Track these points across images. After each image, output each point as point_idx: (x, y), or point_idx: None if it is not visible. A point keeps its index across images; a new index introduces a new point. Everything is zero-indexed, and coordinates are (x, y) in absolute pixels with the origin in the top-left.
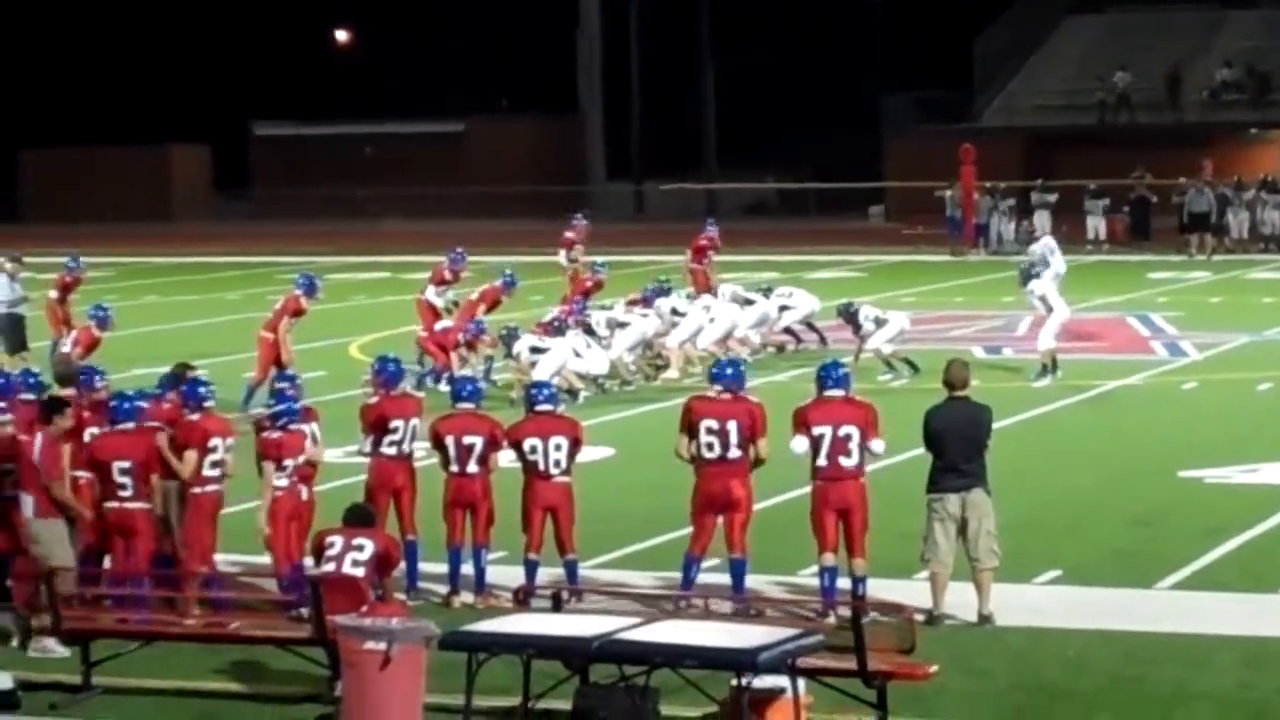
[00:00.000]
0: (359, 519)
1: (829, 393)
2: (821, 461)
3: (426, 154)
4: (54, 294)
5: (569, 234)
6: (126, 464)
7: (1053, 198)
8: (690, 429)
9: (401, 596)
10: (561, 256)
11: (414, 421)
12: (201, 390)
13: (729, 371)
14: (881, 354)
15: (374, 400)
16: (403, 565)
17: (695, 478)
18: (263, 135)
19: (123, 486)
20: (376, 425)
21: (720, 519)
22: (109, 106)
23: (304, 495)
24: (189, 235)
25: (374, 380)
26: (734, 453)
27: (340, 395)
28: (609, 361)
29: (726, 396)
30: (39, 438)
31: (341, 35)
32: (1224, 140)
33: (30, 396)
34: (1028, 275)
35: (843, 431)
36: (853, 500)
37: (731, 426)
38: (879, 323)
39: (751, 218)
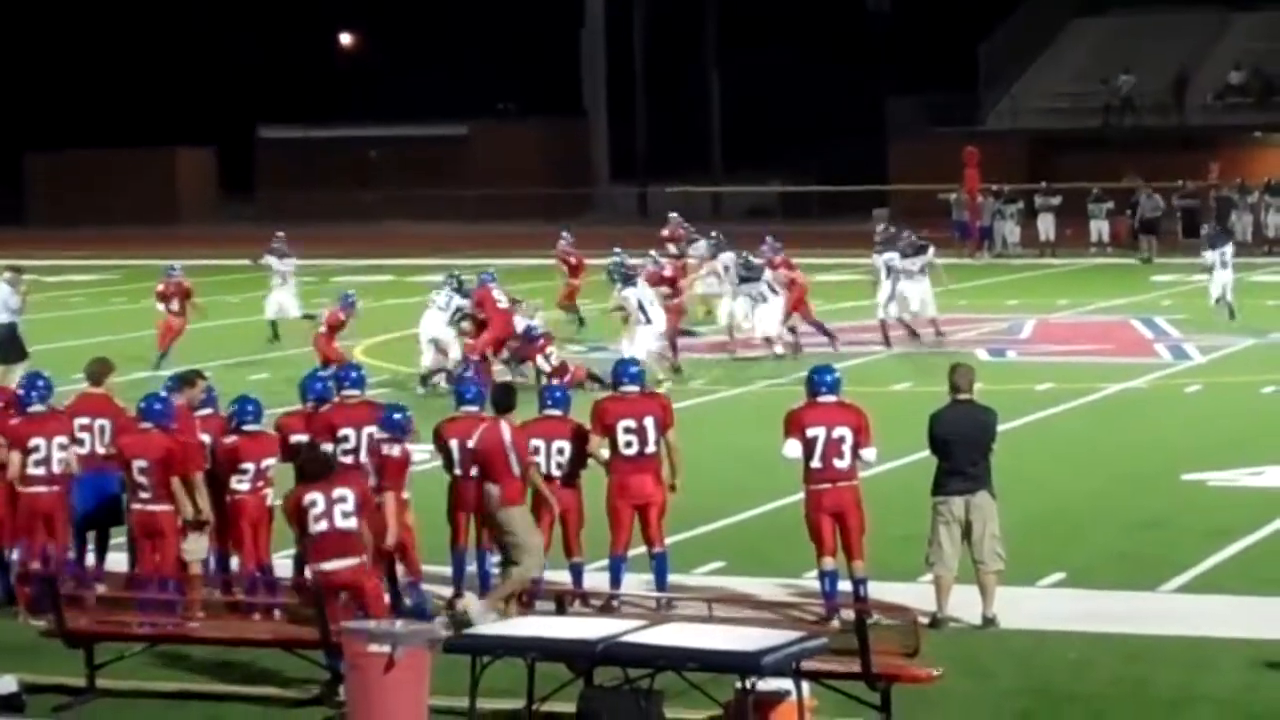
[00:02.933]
0: (322, 468)
1: (822, 398)
2: (816, 464)
3: (431, 157)
4: (160, 306)
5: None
6: (144, 464)
7: (1056, 201)
8: (606, 430)
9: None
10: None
11: (368, 430)
12: (250, 408)
13: (633, 370)
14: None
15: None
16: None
17: (610, 476)
18: (268, 138)
19: (142, 487)
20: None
21: (638, 515)
22: (115, 109)
23: (269, 499)
24: (194, 238)
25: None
26: (650, 448)
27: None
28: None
29: (635, 392)
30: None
31: (346, 39)
32: (1229, 143)
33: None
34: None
35: (836, 433)
36: (847, 503)
37: (648, 422)
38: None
39: (755, 220)
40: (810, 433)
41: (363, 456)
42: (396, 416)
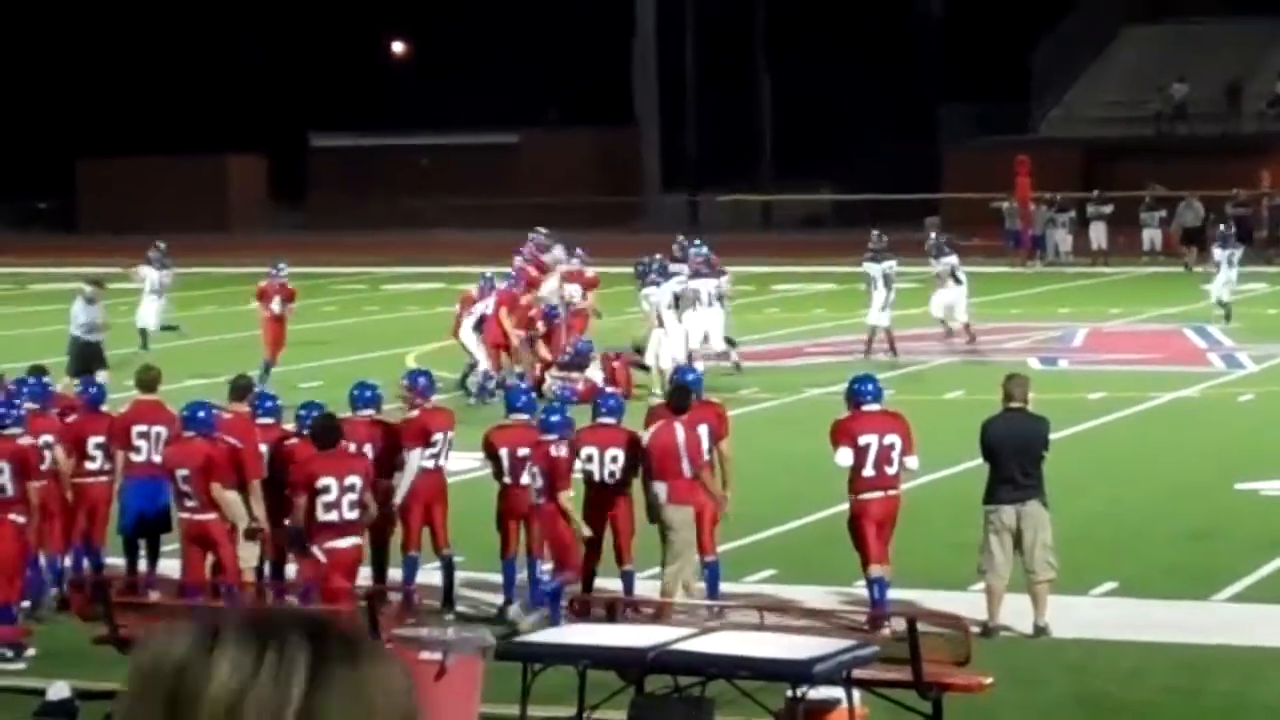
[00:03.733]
0: (332, 435)
1: (868, 406)
2: (869, 471)
3: (481, 165)
4: (258, 305)
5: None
6: (186, 472)
7: (1109, 209)
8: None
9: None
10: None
11: (450, 434)
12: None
13: (690, 378)
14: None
15: (414, 414)
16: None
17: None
18: (319, 146)
19: (188, 495)
20: (419, 437)
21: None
22: (166, 117)
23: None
24: (245, 246)
25: (409, 392)
26: (704, 457)
27: (397, 405)
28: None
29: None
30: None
31: (398, 46)
32: None
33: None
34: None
35: (887, 441)
36: (893, 510)
37: (703, 431)
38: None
39: (807, 230)
40: (863, 440)
41: (442, 460)
42: (555, 418)
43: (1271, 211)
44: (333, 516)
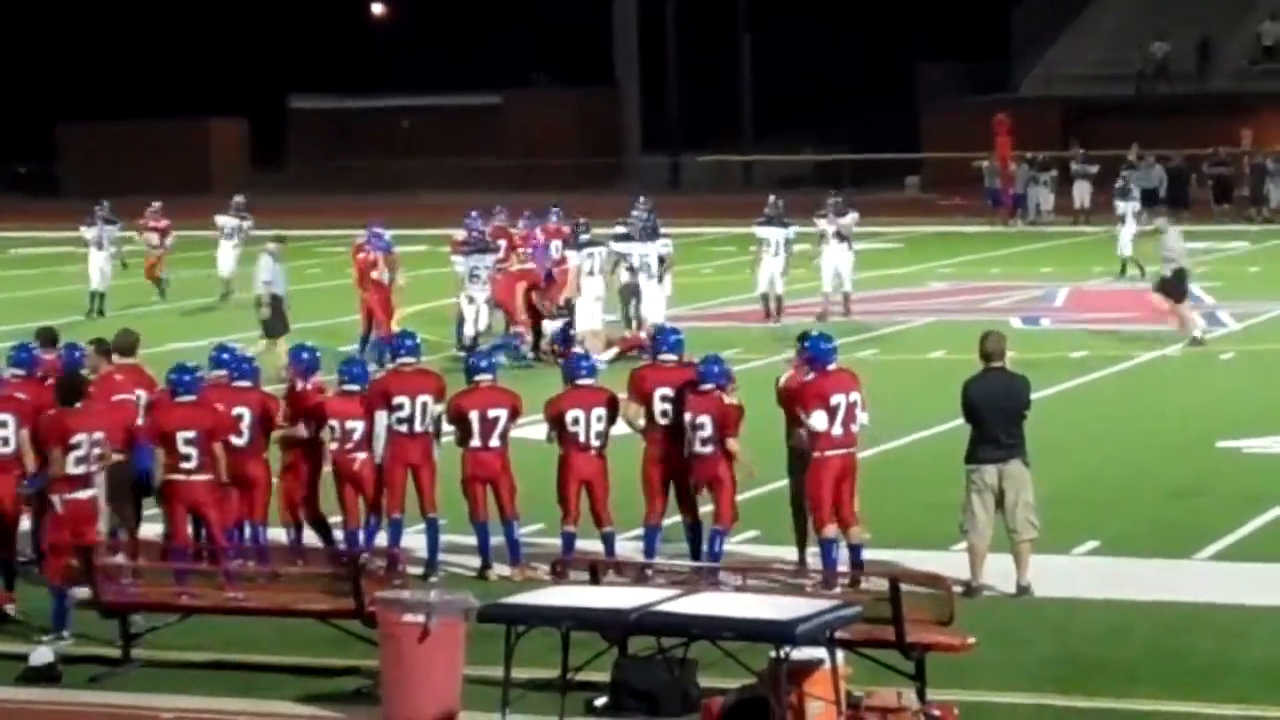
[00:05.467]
0: (76, 391)
1: (831, 365)
2: (837, 430)
3: (463, 127)
4: (387, 275)
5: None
6: (191, 434)
7: (1094, 169)
8: (643, 398)
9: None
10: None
11: (423, 398)
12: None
13: (672, 339)
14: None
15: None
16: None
17: (646, 445)
18: (300, 108)
19: (186, 458)
20: (380, 401)
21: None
22: (147, 80)
23: (356, 463)
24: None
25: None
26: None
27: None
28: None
29: (673, 361)
30: None
31: (378, 8)
32: (1263, 109)
33: None
34: None
35: (851, 399)
36: (851, 467)
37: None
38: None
39: (788, 189)
40: (834, 400)
41: (418, 426)
42: (716, 368)
43: (1253, 170)
44: (80, 470)
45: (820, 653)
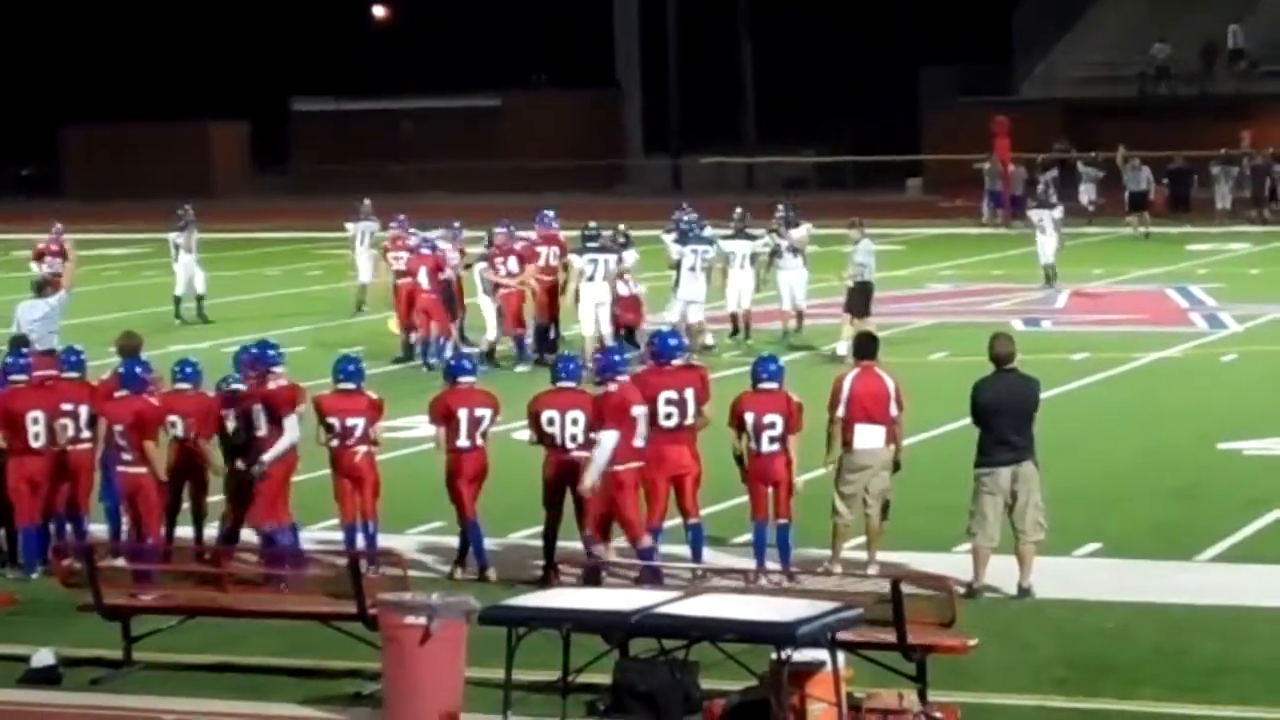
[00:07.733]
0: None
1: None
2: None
3: (464, 129)
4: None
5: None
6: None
7: (1101, 173)
8: (647, 401)
9: None
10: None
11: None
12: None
13: (674, 342)
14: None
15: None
16: None
17: (647, 448)
18: (301, 111)
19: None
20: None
21: (673, 486)
22: (148, 83)
23: (356, 457)
24: (229, 211)
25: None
26: (689, 420)
27: (376, 370)
28: None
29: (677, 364)
30: None
31: (379, 11)
32: (1265, 111)
33: None
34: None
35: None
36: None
37: (689, 394)
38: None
39: (790, 192)
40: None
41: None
42: (774, 366)
43: (1254, 171)
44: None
45: (822, 654)
